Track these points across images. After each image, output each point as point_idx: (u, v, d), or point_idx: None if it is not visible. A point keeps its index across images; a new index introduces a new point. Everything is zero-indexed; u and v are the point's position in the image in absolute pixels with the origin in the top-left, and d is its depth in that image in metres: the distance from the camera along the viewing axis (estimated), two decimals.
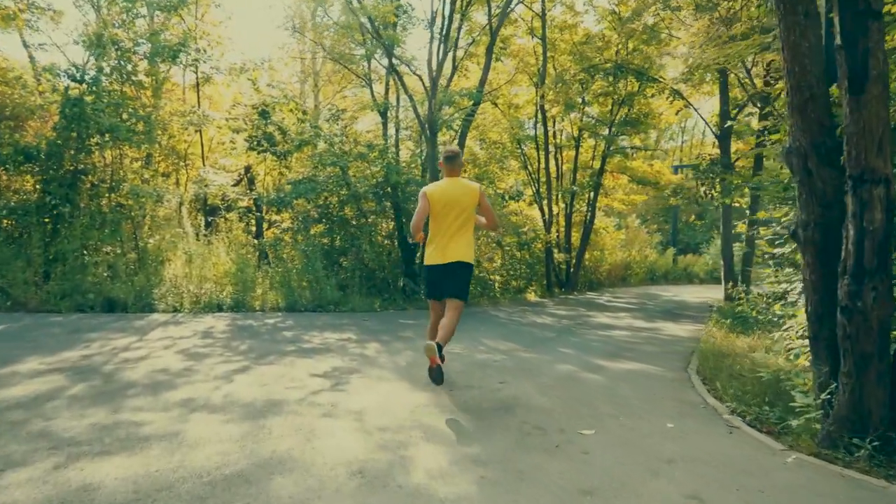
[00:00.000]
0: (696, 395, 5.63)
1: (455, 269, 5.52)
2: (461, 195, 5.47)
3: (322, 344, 7.94)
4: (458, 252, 5.50)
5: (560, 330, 10.20)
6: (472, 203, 5.49)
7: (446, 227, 5.51)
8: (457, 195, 5.46)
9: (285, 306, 11.57)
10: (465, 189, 5.50)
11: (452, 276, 5.53)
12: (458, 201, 5.45)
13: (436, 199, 5.48)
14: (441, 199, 5.47)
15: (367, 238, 14.82)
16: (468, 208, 5.49)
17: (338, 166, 14.15)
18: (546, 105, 19.45)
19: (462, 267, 5.55)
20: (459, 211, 5.47)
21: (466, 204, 5.47)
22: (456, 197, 5.46)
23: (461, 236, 5.53)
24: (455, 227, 5.50)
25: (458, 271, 5.54)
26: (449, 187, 5.51)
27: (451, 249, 5.50)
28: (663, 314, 13.92)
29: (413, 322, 10.69)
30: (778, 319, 9.12)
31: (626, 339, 9.36)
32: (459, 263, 5.53)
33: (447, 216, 5.48)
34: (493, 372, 6.46)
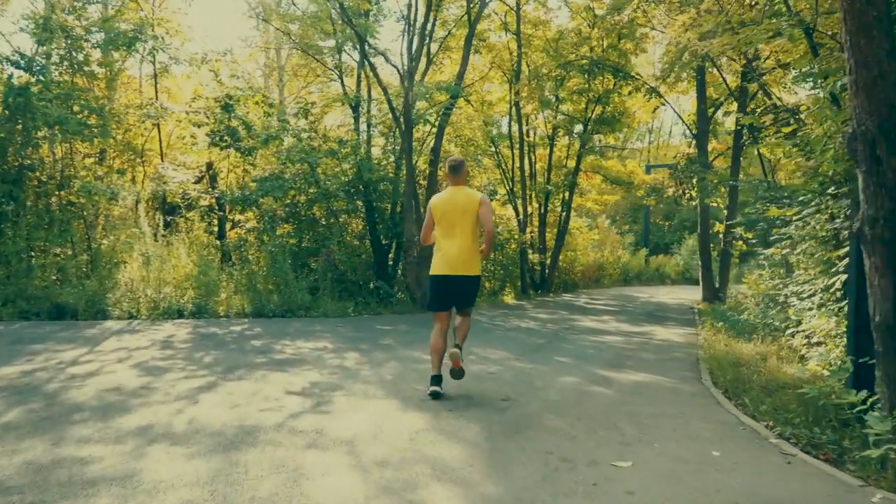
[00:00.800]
0: (724, 412, 5.05)
1: (461, 283, 5.48)
2: (462, 204, 5.42)
3: (296, 354, 7.20)
4: (463, 266, 5.43)
5: (549, 336, 9.60)
6: (473, 210, 5.41)
7: (450, 235, 5.45)
8: (458, 204, 5.43)
9: (252, 311, 10.77)
10: (467, 198, 5.45)
11: (459, 290, 5.50)
12: (460, 210, 5.41)
13: (438, 209, 5.50)
14: (443, 208, 5.47)
15: (337, 239, 14.06)
16: (470, 217, 5.41)
17: (306, 163, 13.36)
18: (521, 102, 18.90)
19: (467, 280, 5.49)
20: (461, 219, 5.41)
21: (468, 212, 5.41)
22: (457, 205, 5.42)
23: (464, 247, 5.42)
24: (458, 237, 5.42)
25: (464, 285, 5.50)
26: (452, 196, 5.49)
27: (456, 261, 5.42)
28: (647, 317, 13.45)
29: (391, 328, 9.99)
30: (781, 324, 8.66)
31: (620, 345, 8.80)
32: (465, 277, 5.47)
33: (449, 225, 5.44)
34: (492, 386, 5.81)
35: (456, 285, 5.46)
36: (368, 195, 13.73)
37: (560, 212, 21.31)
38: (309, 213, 14.43)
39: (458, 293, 5.51)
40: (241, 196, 13.38)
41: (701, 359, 7.57)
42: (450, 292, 5.51)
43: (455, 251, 5.41)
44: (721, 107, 18.74)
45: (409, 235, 12.66)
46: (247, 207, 13.82)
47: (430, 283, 5.65)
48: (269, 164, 15.18)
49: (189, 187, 13.79)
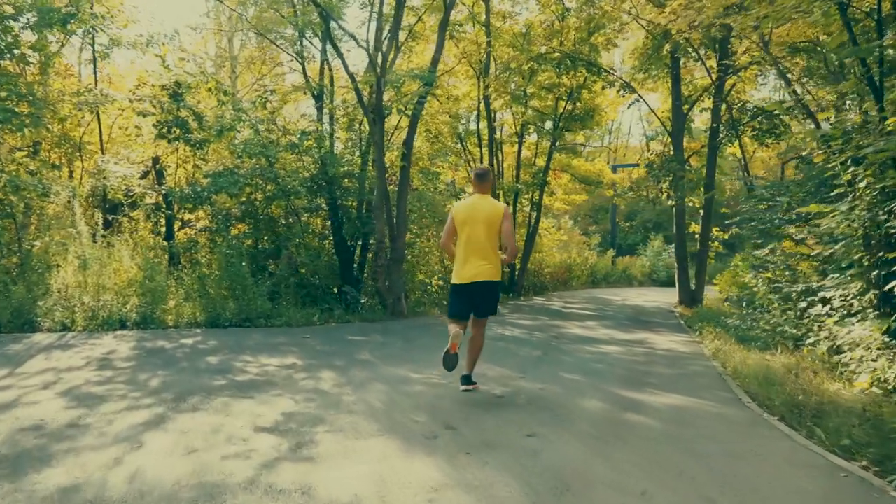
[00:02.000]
0: (803, 449, 4.13)
1: (482, 290, 5.40)
2: (485, 212, 5.38)
3: (261, 374, 6.11)
4: (484, 271, 5.36)
5: (541, 346, 8.68)
6: (496, 221, 5.37)
7: (471, 243, 5.39)
8: (481, 212, 5.38)
9: (205, 321, 9.59)
10: (491, 207, 5.42)
11: (481, 297, 5.43)
12: (483, 218, 5.36)
13: (460, 216, 5.46)
14: (466, 215, 5.42)
15: (298, 239, 12.92)
16: (493, 226, 5.37)
17: (264, 157, 12.19)
18: (491, 96, 18.01)
19: (489, 287, 5.42)
20: (484, 228, 5.35)
21: (491, 221, 5.36)
22: (480, 214, 5.38)
23: (486, 254, 5.37)
24: (479, 244, 5.37)
25: (485, 292, 5.42)
26: (475, 204, 5.47)
27: (477, 268, 5.36)
28: (633, 322, 12.67)
29: (364, 339, 8.93)
30: (797, 331, 7.91)
31: (624, 357, 7.93)
32: (487, 283, 5.39)
33: (471, 233, 5.38)
34: (508, 415, 4.84)
35: (478, 292, 5.40)
36: (333, 192, 12.63)
37: (529, 212, 20.53)
38: (267, 211, 13.25)
39: (480, 300, 5.45)
40: (191, 193, 12.11)
41: (725, 374, 6.74)
42: (472, 300, 5.46)
43: (478, 259, 5.36)
44: (696, 104, 18.15)
45: (379, 236, 11.61)
46: (198, 205, 12.56)
47: (452, 292, 5.62)
48: (223, 159, 13.94)
49: (133, 183, 12.46)
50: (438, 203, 14.83)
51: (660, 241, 30.77)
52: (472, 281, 5.38)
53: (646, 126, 45.29)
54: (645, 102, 18.65)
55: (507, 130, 21.26)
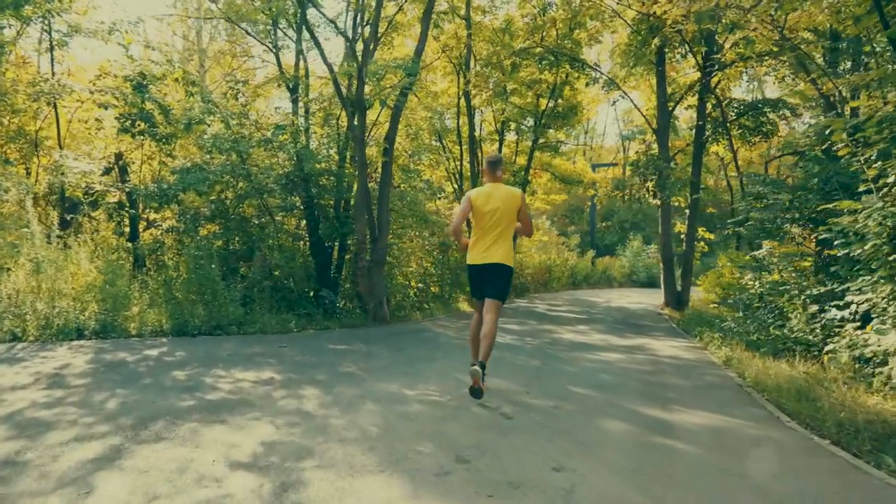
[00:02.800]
0: (885, 486, 3.58)
1: (494, 271, 5.63)
2: (504, 200, 5.58)
3: (235, 391, 5.40)
4: (498, 255, 5.60)
5: (538, 354, 8.08)
6: (513, 208, 5.60)
7: (488, 230, 5.60)
8: (499, 200, 5.57)
9: (172, 329, 8.81)
10: (508, 194, 5.63)
11: (492, 277, 5.65)
12: (501, 206, 5.56)
13: (479, 203, 5.62)
14: (484, 203, 5.60)
15: (272, 240, 12.17)
16: (509, 213, 5.59)
17: (235, 153, 11.43)
18: (472, 91, 17.41)
19: (501, 269, 5.64)
20: (501, 215, 5.56)
21: (508, 208, 5.57)
22: (498, 201, 5.57)
23: (502, 240, 5.61)
24: (497, 231, 5.58)
25: (497, 273, 5.64)
26: (492, 192, 5.63)
27: (492, 252, 5.59)
28: (625, 326, 12.15)
29: (347, 348, 8.25)
30: (814, 337, 7.40)
31: (631, 366, 7.35)
32: (499, 265, 5.62)
33: (489, 220, 5.58)
34: (525, 442, 4.20)
35: (491, 272, 5.62)
36: (309, 190, 11.90)
37: None
38: (238, 210, 12.47)
39: (492, 280, 5.64)
40: (156, 191, 11.29)
41: (746, 385, 6.19)
42: (485, 278, 5.66)
43: (492, 243, 5.58)
44: (681, 101, 17.75)
45: (360, 236, 10.92)
46: (164, 204, 11.73)
47: (469, 272, 5.87)
48: (192, 155, 13.12)
49: (93, 180, 11.59)
50: (420, 202, 14.16)
51: (639, 241, 30.44)
52: (484, 262, 5.62)
53: (622, 126, 45.21)
54: (630, 99, 18.18)
55: (487, 129, 20.68)
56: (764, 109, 16.43)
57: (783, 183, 10.89)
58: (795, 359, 7.08)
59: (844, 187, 8.89)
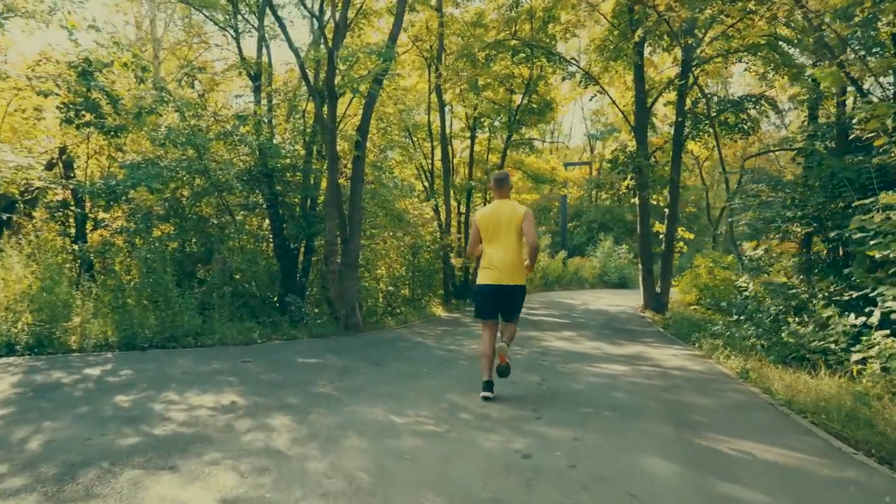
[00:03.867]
0: None
1: (507, 293, 5.56)
2: (507, 216, 5.55)
3: (189, 423, 4.50)
4: (509, 275, 5.52)
5: (532, 367, 7.30)
6: (517, 223, 5.53)
7: (496, 247, 5.57)
8: (503, 216, 5.56)
9: (119, 341, 7.83)
10: (512, 211, 5.58)
11: (506, 299, 5.61)
12: (505, 223, 5.54)
13: (483, 223, 5.64)
14: (488, 221, 5.60)
15: (233, 242, 11.20)
16: (515, 229, 5.54)
17: (192, 146, 10.44)
18: (444, 85, 16.59)
19: (514, 290, 5.58)
20: (506, 232, 5.53)
21: (513, 225, 5.53)
22: (502, 218, 5.56)
23: (510, 256, 5.53)
24: (503, 250, 5.53)
25: (510, 295, 5.59)
26: (497, 209, 5.62)
27: (502, 272, 5.51)
28: (613, 332, 11.47)
29: (318, 361, 7.36)
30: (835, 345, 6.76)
31: (640, 381, 6.60)
32: (511, 287, 5.54)
33: (495, 237, 5.58)
34: (559, 496, 3.38)
35: (503, 295, 5.57)
36: (273, 187, 10.97)
37: None
38: (196, 209, 11.46)
39: (505, 302, 5.63)
40: (104, 187, 10.23)
41: (778, 404, 5.48)
42: (497, 301, 5.62)
43: (501, 262, 5.51)
44: (661, 96, 17.21)
45: (330, 237, 10.02)
46: (112, 202, 10.66)
47: (478, 293, 5.76)
48: (145, 150, 12.04)
49: (32, 176, 10.46)
50: (394, 199, 13.27)
51: (610, 241, 29.96)
52: (498, 283, 5.53)
53: (589, 126, 44.85)
54: (608, 95, 17.55)
55: (458, 125, 19.90)
56: (745, 105, 15.96)
57: (783, 180, 10.32)
58: (812, 368, 6.46)
59: (853, 183, 8.34)
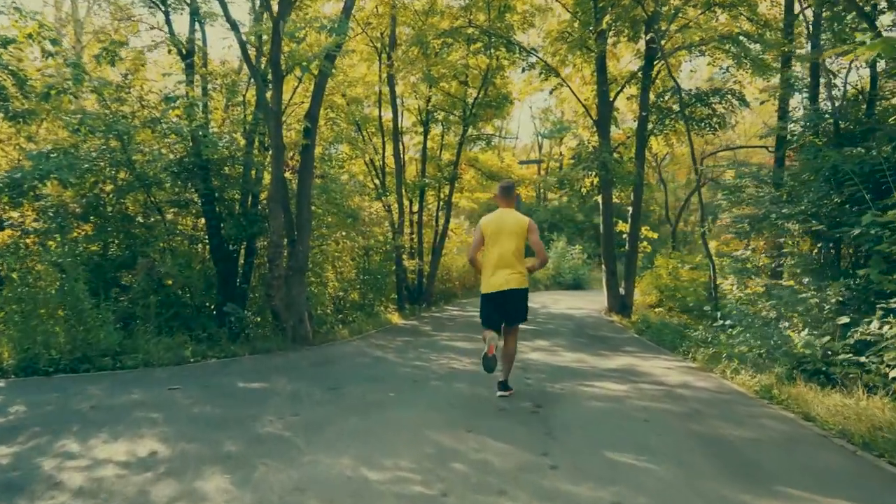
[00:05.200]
0: None
1: (512, 297, 5.65)
2: (511, 225, 5.67)
3: (88, 490, 3.29)
4: (512, 280, 5.63)
5: (520, 389, 6.24)
6: (521, 233, 5.65)
7: (499, 254, 5.65)
8: (508, 225, 5.68)
9: (17, 365, 6.47)
10: (517, 219, 5.72)
11: (511, 304, 5.68)
12: (509, 231, 5.65)
13: (489, 230, 5.74)
14: (493, 228, 5.72)
15: (163, 244, 9.83)
16: (520, 237, 5.65)
17: (114, 135, 9.05)
18: (398, 75, 15.44)
19: (517, 294, 5.68)
20: (510, 240, 5.63)
21: (517, 233, 5.64)
22: (507, 226, 5.67)
23: (513, 265, 5.64)
24: (507, 255, 5.63)
25: (515, 299, 5.68)
26: (502, 217, 5.75)
27: (507, 278, 5.62)
28: (587, 339, 10.57)
29: (264, 386, 6.14)
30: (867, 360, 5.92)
31: (652, 406, 5.57)
32: (515, 291, 5.65)
33: (499, 244, 5.66)
34: None
35: (508, 300, 5.65)
36: (208, 181, 9.64)
37: (438, 210, 18.16)
38: (119, 206, 10.02)
39: (510, 307, 5.70)
40: (8, 180, 8.74)
41: (837, 435, 4.55)
42: (502, 308, 5.69)
43: (506, 270, 5.62)
44: (622, 91, 16.46)
45: (275, 238, 8.74)
46: (19, 197, 9.16)
47: (483, 301, 5.80)
48: (60, 138, 10.52)
49: None
50: (346, 195, 12.02)
51: (563, 241, 29.28)
52: (502, 289, 5.63)
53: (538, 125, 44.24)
54: (569, 87, 16.71)
55: (411, 119, 18.75)
56: (710, 100, 15.34)
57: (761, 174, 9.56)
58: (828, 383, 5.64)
59: (858, 176, 7.60)
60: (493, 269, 5.64)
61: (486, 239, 5.74)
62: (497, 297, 5.63)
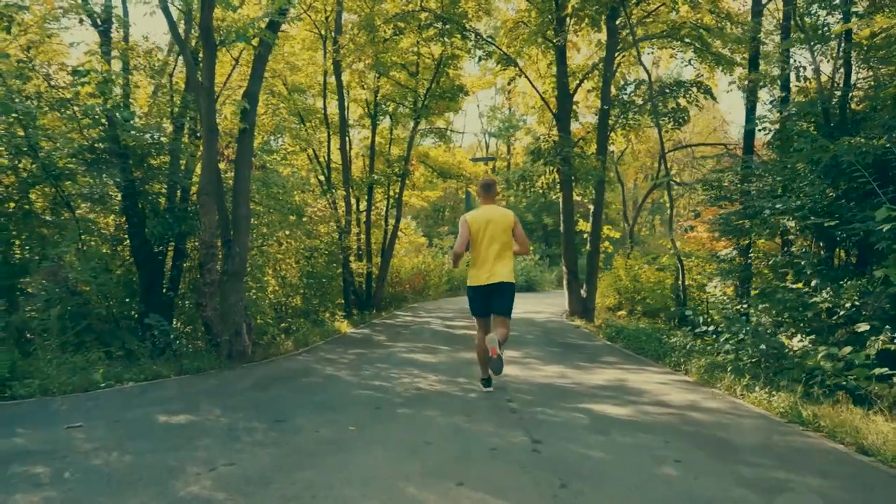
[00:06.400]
0: None
1: (499, 289, 5.86)
2: (496, 220, 5.88)
3: None
4: (501, 274, 5.85)
5: (504, 415, 5.21)
6: (507, 227, 5.89)
7: (486, 250, 5.86)
8: (493, 220, 5.88)
9: None
10: (501, 214, 5.95)
11: (498, 296, 5.88)
12: (495, 225, 5.86)
13: (475, 226, 5.91)
14: (479, 224, 5.90)
15: (74, 244, 8.41)
16: (504, 232, 5.87)
17: (13, 118, 7.65)
18: (345, 62, 14.26)
19: (506, 286, 5.89)
20: (496, 236, 5.84)
21: (502, 228, 5.86)
22: (492, 221, 5.87)
23: (502, 259, 5.88)
24: (495, 251, 5.85)
25: (502, 291, 5.88)
26: (486, 213, 5.94)
27: (495, 271, 5.83)
28: (559, 347, 9.65)
29: (191, 420, 4.94)
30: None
31: (672, 441, 4.64)
32: (504, 284, 5.87)
33: (486, 241, 5.86)
34: None
35: (495, 292, 5.86)
36: (129, 172, 8.31)
37: (387, 208, 17.03)
38: (21, 202, 8.57)
39: (497, 299, 5.88)
40: None
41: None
42: (490, 300, 5.90)
43: (493, 263, 5.84)
44: (585, 81, 15.69)
45: (207, 238, 7.47)
46: None
47: (471, 293, 6.04)
48: None
49: None
50: (290, 190, 10.73)
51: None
52: (489, 283, 5.85)
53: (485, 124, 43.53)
54: (527, 78, 15.85)
55: (358, 111, 17.56)
56: (677, 93, 14.68)
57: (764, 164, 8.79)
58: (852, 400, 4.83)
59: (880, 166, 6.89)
60: (482, 263, 5.89)
61: (472, 235, 5.91)
62: (486, 290, 5.87)
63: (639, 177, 36.58)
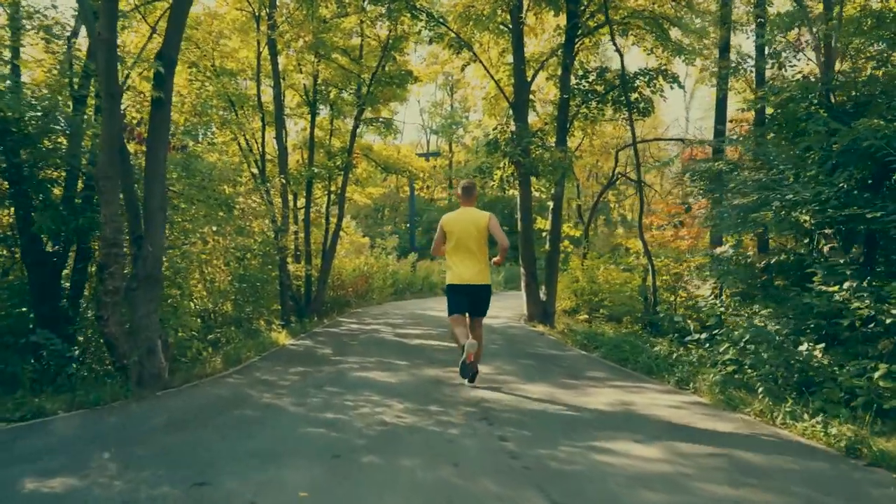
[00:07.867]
0: None
1: (475, 291, 6.24)
2: (473, 223, 6.20)
3: None
4: (477, 275, 6.21)
5: (500, 462, 3.96)
6: (483, 228, 6.17)
7: (463, 251, 6.21)
8: (469, 223, 6.21)
9: None
10: (476, 217, 6.24)
11: (474, 297, 6.27)
12: (471, 228, 6.17)
13: (451, 227, 6.28)
14: (455, 227, 6.25)
15: None
16: (480, 233, 6.17)
17: None
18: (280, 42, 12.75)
19: (482, 289, 6.28)
20: (473, 237, 6.17)
21: (478, 229, 6.16)
22: (468, 224, 6.20)
23: (477, 260, 6.21)
24: (470, 252, 6.19)
25: (478, 293, 6.27)
26: (463, 216, 6.28)
27: (470, 272, 6.19)
28: (533, 360, 8.42)
29: (74, 486, 3.49)
30: None
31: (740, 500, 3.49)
32: (479, 286, 6.24)
33: (461, 240, 6.19)
34: None
35: (472, 293, 6.24)
36: (14, 153, 6.68)
37: (328, 205, 15.55)
38: None
39: (475, 299, 6.29)
40: None
41: None
42: (466, 299, 6.26)
43: (470, 264, 6.19)
44: (544, 68, 14.62)
45: (109, 234, 5.91)
46: None
47: (449, 291, 6.36)
48: None
49: None
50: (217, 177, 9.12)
51: None
52: (468, 283, 6.21)
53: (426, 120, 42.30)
54: (482, 63, 14.67)
55: (296, 99, 16.01)
56: (635, 83, 13.76)
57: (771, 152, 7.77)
58: None
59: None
60: (459, 263, 6.21)
61: (447, 236, 6.27)
62: (464, 289, 6.21)
63: (583, 176, 36.03)
